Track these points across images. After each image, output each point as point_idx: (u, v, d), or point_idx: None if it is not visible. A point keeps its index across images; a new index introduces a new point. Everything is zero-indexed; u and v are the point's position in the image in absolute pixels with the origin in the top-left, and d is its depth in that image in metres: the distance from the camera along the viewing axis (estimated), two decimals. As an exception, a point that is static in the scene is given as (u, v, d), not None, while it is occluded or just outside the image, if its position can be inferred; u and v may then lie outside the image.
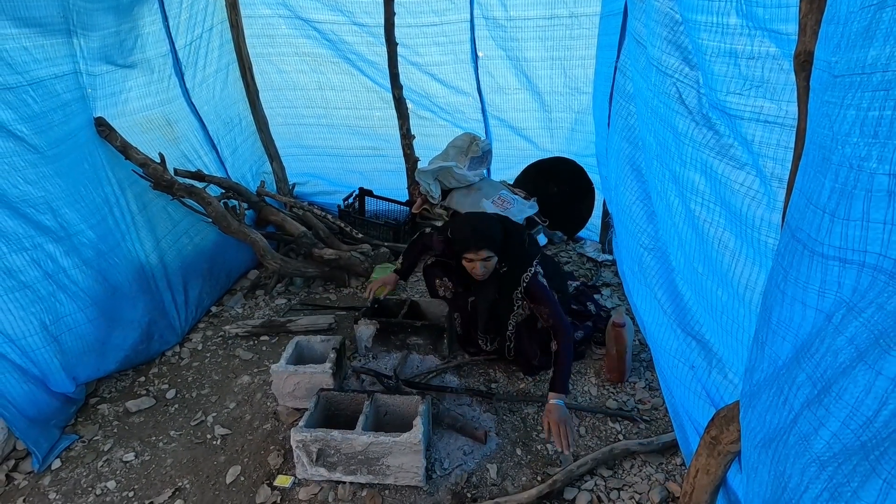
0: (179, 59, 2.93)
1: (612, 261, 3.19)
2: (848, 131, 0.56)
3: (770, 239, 1.19)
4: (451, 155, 3.30)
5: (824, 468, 0.55)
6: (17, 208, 1.98)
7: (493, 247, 2.01)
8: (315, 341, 2.31)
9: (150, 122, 2.77)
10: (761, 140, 1.19)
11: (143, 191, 2.63)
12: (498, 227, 2.06)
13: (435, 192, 3.29)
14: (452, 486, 1.83)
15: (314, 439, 1.76)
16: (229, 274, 3.17)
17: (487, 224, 2.05)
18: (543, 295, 2.06)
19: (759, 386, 0.80)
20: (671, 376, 1.72)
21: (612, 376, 2.29)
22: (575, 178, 3.36)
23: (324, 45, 3.54)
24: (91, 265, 2.25)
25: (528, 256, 2.12)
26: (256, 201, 3.31)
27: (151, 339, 2.54)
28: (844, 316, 0.57)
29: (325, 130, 3.88)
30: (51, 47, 2.13)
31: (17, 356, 1.99)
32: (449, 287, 2.38)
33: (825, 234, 0.61)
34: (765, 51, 1.16)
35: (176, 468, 1.98)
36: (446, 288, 2.40)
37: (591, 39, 2.95)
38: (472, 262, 2.04)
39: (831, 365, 0.57)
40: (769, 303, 0.79)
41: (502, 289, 2.16)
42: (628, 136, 2.04)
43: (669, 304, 1.73)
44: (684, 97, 1.46)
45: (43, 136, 2.06)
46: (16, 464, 2.01)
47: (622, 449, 1.91)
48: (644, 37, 1.72)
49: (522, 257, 2.10)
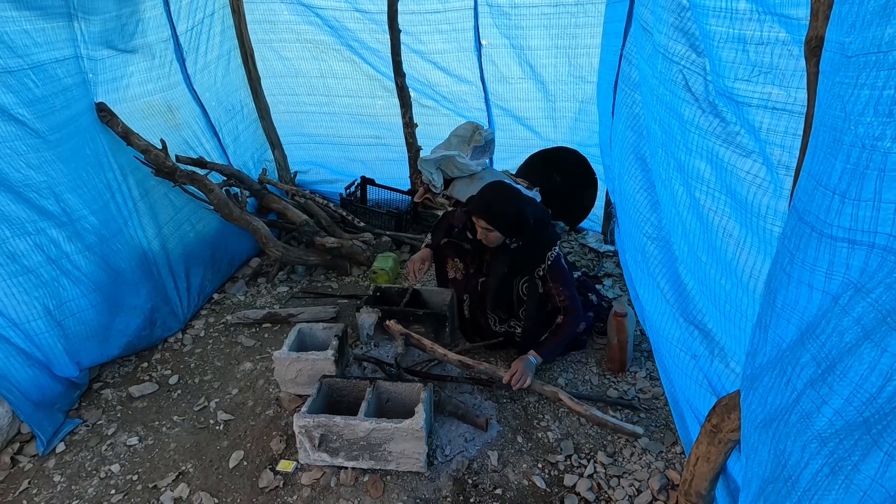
0: (181, 44, 2.91)
1: (614, 251, 3.19)
2: (861, 111, 0.56)
3: (776, 227, 1.18)
4: (454, 144, 3.29)
5: (825, 444, 0.55)
6: (20, 193, 1.98)
7: (495, 223, 2.05)
8: (317, 329, 2.32)
9: (151, 108, 2.76)
10: (769, 127, 1.18)
11: (145, 177, 2.63)
12: (511, 208, 2.07)
13: (437, 181, 3.28)
14: (454, 473, 1.84)
15: (317, 425, 1.78)
16: (231, 261, 3.18)
17: (501, 201, 2.08)
18: (565, 276, 2.14)
19: (762, 369, 0.80)
20: (672, 365, 1.73)
21: (613, 366, 2.29)
22: (578, 168, 3.35)
23: (326, 32, 3.51)
24: (93, 251, 2.25)
25: (554, 237, 2.19)
26: (258, 189, 3.30)
27: (154, 326, 2.55)
28: (852, 297, 0.57)
29: (327, 118, 3.86)
30: (51, 31, 2.11)
31: (21, 340, 2.00)
32: (460, 268, 2.39)
33: (834, 215, 0.61)
34: (774, 36, 1.14)
35: (179, 453, 2.00)
36: (457, 269, 2.40)
37: (596, 28, 2.93)
38: (477, 226, 2.12)
39: (836, 345, 0.58)
40: (774, 286, 0.79)
41: (516, 266, 2.19)
42: (633, 124, 2.03)
43: (672, 294, 1.73)
44: (691, 84, 1.45)
45: (44, 121, 2.05)
46: (21, 447, 2.03)
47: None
48: (650, 23, 1.70)
49: (547, 238, 2.17)
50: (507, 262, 2.19)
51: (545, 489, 1.79)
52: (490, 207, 2.05)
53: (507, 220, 2.05)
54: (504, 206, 2.06)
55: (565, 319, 2.12)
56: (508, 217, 2.05)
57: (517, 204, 2.08)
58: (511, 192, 2.11)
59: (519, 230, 2.09)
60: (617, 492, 1.76)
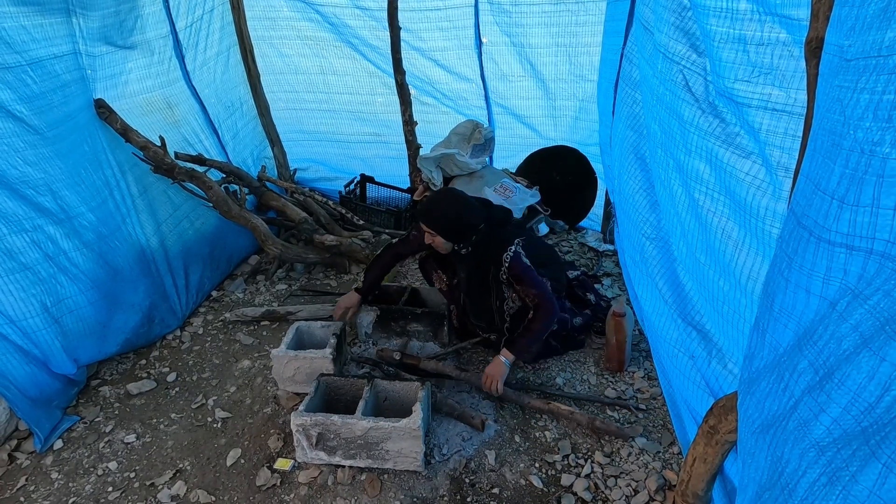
0: (180, 40, 2.90)
1: (613, 251, 3.18)
2: (861, 115, 0.55)
3: (774, 229, 1.18)
4: (454, 142, 3.28)
5: (823, 453, 0.55)
6: (17, 189, 1.97)
7: (435, 227, 2.06)
8: (315, 327, 2.32)
9: (150, 105, 2.75)
10: (768, 128, 1.17)
11: (144, 174, 2.62)
12: (452, 212, 2.05)
13: (437, 179, 3.27)
14: (451, 472, 1.84)
15: (314, 423, 1.78)
16: (230, 259, 3.17)
17: (441, 206, 2.08)
18: (526, 274, 2.08)
19: (759, 373, 0.80)
20: (670, 366, 1.72)
21: (611, 366, 2.29)
22: (578, 168, 3.34)
23: (326, 29, 3.50)
24: (91, 248, 2.25)
25: (509, 236, 2.13)
26: (257, 186, 3.30)
27: (152, 323, 2.54)
28: (849, 303, 0.57)
29: (326, 116, 3.85)
30: (49, 26, 2.10)
31: (18, 337, 1.99)
32: (444, 279, 2.41)
33: (832, 220, 0.60)
34: (775, 37, 1.14)
35: (177, 450, 2.00)
36: (441, 280, 2.42)
37: (597, 26, 2.91)
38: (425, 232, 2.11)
39: (834, 352, 0.57)
40: (772, 290, 0.78)
41: (479, 269, 2.18)
42: (633, 124, 2.02)
43: (670, 294, 1.73)
44: (691, 84, 1.44)
45: (42, 117, 2.04)
46: (18, 443, 2.02)
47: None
48: (651, 23, 1.69)
49: (503, 238, 2.12)
50: (467, 270, 2.20)
51: (542, 489, 1.79)
52: (430, 213, 2.07)
53: (447, 224, 2.05)
54: (444, 211, 2.05)
55: (536, 315, 2.07)
56: (448, 221, 2.05)
57: (457, 208, 2.06)
58: (455, 198, 2.09)
59: (461, 235, 2.08)
60: (614, 492, 1.76)
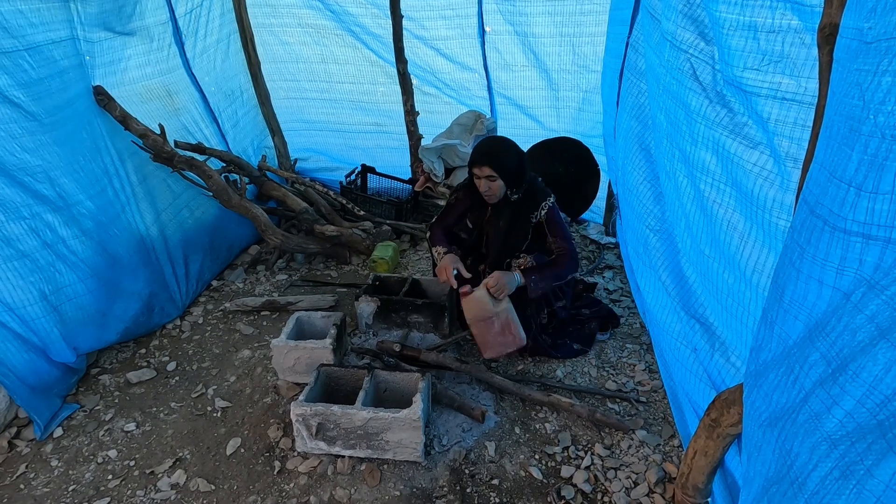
0: (180, 27, 2.86)
1: (615, 243, 3.17)
2: (882, 99, 0.53)
3: (782, 221, 1.16)
4: (456, 132, 3.25)
5: (835, 447, 0.54)
6: (15, 176, 1.96)
7: (499, 169, 2.06)
8: (315, 317, 2.31)
9: (149, 92, 2.72)
10: (777, 118, 1.15)
11: (143, 162, 2.60)
12: (514, 154, 2.10)
13: (438, 170, 3.25)
14: (451, 463, 1.84)
15: (314, 413, 1.77)
16: (230, 248, 3.16)
17: (503, 148, 2.11)
18: (562, 227, 2.19)
19: (767, 365, 0.79)
20: (672, 358, 1.72)
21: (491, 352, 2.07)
22: (580, 159, 3.31)
23: (327, 17, 3.45)
24: (90, 236, 2.23)
25: (547, 189, 2.23)
26: (258, 176, 3.27)
27: (152, 312, 2.53)
28: (865, 294, 0.55)
29: (327, 105, 3.82)
30: (47, 11, 2.07)
31: (17, 325, 1.98)
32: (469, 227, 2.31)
33: (849, 208, 0.59)
34: (786, 24, 1.11)
35: (176, 439, 2.00)
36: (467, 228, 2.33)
37: (601, 15, 2.87)
38: (479, 179, 2.11)
39: (848, 343, 0.56)
40: (781, 281, 0.77)
41: (518, 218, 2.20)
42: (638, 114, 2.00)
43: (674, 287, 1.72)
44: (698, 73, 1.42)
45: (40, 104, 2.02)
46: (18, 431, 2.02)
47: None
48: (658, 10, 1.66)
49: (542, 189, 2.21)
50: (508, 217, 2.20)
51: (542, 480, 1.78)
52: (498, 156, 2.07)
53: (511, 165, 2.07)
54: (508, 152, 2.09)
55: (557, 260, 2.13)
56: (512, 162, 2.08)
57: (519, 152, 2.13)
58: (511, 142, 2.14)
59: (521, 178, 2.12)
60: (614, 484, 1.76)
